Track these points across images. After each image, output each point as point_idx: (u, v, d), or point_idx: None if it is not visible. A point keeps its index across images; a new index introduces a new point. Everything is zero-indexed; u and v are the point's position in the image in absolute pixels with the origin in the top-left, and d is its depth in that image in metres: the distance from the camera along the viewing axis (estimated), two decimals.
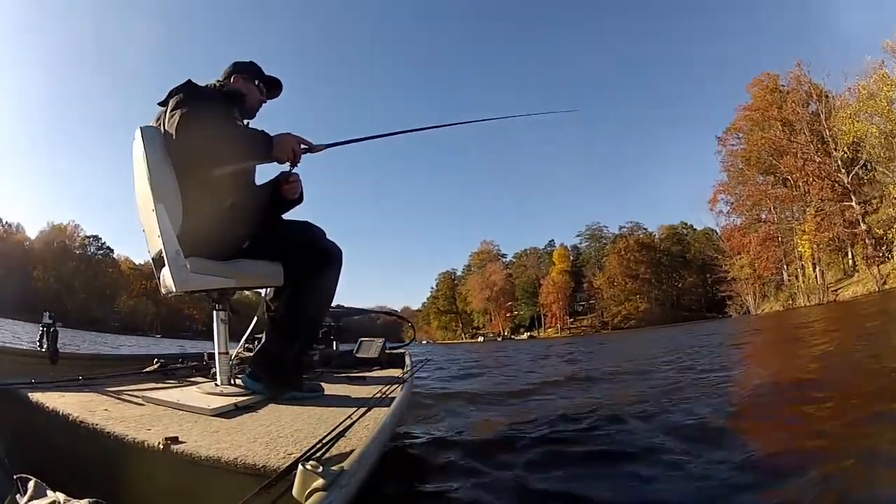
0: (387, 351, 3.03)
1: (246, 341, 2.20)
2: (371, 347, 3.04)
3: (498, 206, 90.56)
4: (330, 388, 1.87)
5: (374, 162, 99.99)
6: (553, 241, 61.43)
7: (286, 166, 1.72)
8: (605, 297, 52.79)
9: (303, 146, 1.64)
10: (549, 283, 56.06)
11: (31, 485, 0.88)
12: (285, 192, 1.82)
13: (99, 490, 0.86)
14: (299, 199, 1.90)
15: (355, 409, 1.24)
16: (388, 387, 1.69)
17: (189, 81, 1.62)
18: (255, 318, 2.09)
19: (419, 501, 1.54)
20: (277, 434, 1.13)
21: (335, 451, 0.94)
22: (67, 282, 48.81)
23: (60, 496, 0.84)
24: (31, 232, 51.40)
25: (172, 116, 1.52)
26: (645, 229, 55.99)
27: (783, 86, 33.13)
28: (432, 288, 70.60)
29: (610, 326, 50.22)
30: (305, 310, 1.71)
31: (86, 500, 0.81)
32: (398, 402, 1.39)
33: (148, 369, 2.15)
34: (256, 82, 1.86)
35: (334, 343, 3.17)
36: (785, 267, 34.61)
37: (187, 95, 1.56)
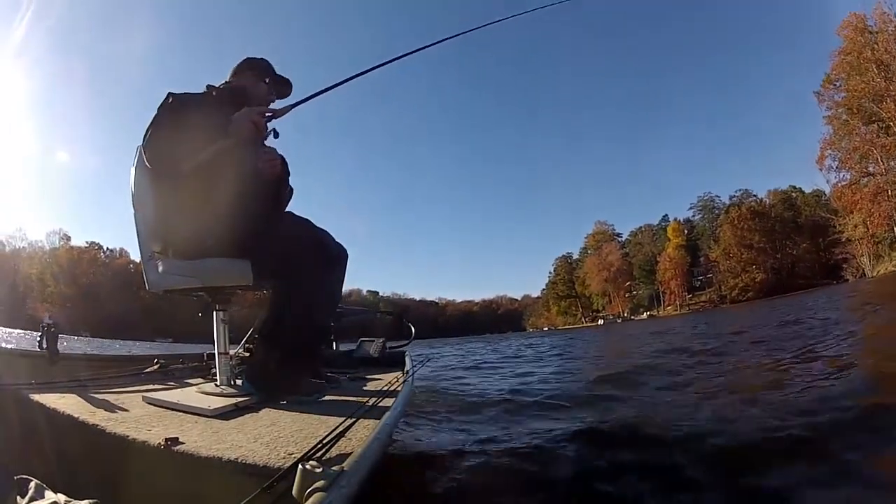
0: (387, 351, 3.03)
1: (246, 342, 2.20)
2: (371, 347, 3.04)
3: (611, 187, 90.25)
4: (330, 389, 1.87)
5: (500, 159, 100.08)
6: (667, 216, 59.94)
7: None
8: (721, 270, 50.38)
9: (266, 115, 1.60)
10: (665, 260, 54.80)
11: (31, 486, 0.88)
12: (261, 172, 1.69)
13: (99, 491, 0.86)
14: (285, 180, 1.81)
15: (356, 409, 1.24)
16: (388, 387, 1.69)
17: (168, 94, 1.62)
18: (259, 318, 2.09)
19: (420, 502, 1.53)
20: (278, 434, 1.13)
21: (336, 451, 0.94)
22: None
23: (61, 497, 0.84)
24: (136, 255, 53.54)
25: None
26: (755, 196, 53.59)
27: (871, 26, 30.32)
28: (550, 273, 69.34)
29: (728, 300, 47.96)
30: (288, 313, 1.60)
31: (86, 501, 0.81)
32: (399, 402, 1.39)
33: (148, 370, 2.15)
34: (267, 80, 1.85)
35: (334, 343, 3.17)
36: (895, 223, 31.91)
37: (160, 108, 1.59)
